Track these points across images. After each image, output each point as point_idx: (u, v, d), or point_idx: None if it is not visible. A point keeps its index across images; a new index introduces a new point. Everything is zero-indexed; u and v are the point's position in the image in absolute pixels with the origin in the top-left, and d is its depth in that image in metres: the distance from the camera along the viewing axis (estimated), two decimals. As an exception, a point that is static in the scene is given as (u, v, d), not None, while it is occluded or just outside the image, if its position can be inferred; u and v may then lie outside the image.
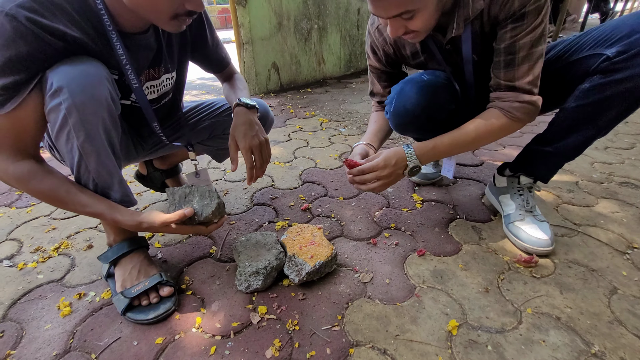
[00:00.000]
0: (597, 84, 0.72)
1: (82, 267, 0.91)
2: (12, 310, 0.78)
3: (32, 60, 0.58)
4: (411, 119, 0.91)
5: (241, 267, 0.80)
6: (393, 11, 0.65)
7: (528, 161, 0.94)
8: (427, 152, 0.82)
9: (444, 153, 0.83)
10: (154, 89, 0.84)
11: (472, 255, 0.90)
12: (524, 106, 0.76)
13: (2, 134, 0.62)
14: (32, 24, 0.56)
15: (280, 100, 2.54)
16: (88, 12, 0.64)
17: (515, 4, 0.68)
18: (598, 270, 0.83)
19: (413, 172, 0.82)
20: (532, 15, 0.68)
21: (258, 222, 1.08)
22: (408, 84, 0.90)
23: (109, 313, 0.76)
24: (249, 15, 2.41)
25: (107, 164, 0.68)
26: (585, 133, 0.80)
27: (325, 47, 3.00)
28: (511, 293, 0.77)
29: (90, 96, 0.61)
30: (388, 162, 0.80)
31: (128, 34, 0.70)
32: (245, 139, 0.83)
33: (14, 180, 0.65)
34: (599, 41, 0.73)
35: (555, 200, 1.13)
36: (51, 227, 1.09)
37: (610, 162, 1.37)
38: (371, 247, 0.94)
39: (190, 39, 0.87)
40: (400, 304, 0.75)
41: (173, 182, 1.18)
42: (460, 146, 0.82)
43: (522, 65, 0.73)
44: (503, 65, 0.75)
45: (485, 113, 0.81)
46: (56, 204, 0.69)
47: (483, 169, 1.36)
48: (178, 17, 0.65)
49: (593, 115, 0.76)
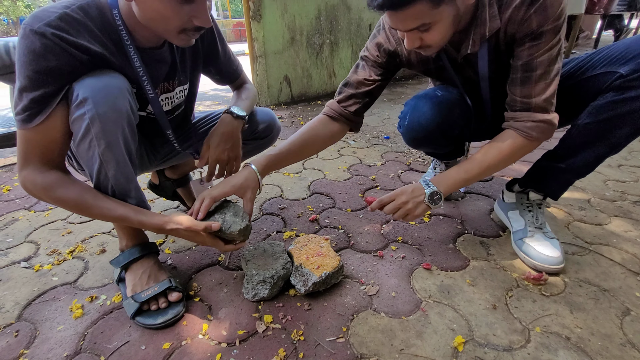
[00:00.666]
0: (611, 101, 0.72)
1: (95, 270, 0.93)
2: (27, 310, 0.80)
3: (60, 73, 0.62)
4: (425, 134, 0.91)
5: (248, 276, 0.81)
6: (410, 24, 0.66)
7: (538, 177, 0.94)
8: (443, 180, 0.82)
9: (463, 181, 0.82)
10: (168, 101, 0.88)
11: (480, 270, 0.89)
12: (539, 125, 0.76)
13: (30, 146, 0.65)
14: (60, 40, 0.60)
15: (291, 112, 2.59)
16: (108, 29, 0.68)
17: (533, 24, 0.69)
18: (610, 291, 0.81)
19: (434, 199, 0.81)
20: (550, 34, 0.69)
21: (266, 231, 1.10)
22: (422, 99, 0.91)
23: (119, 317, 0.78)
24: (263, 30, 2.49)
25: (125, 171, 0.71)
26: (597, 150, 0.80)
27: (337, 61, 3.06)
28: (519, 311, 0.76)
29: (112, 107, 0.65)
30: (405, 190, 0.82)
31: (144, 48, 0.75)
32: (216, 149, 0.87)
33: (42, 189, 0.67)
34: (612, 59, 0.73)
35: (566, 218, 1.11)
36: (67, 230, 1.13)
37: (623, 180, 1.35)
38: (378, 260, 0.94)
39: (202, 52, 0.91)
40: (406, 318, 0.75)
41: (184, 191, 1.21)
42: (478, 174, 0.81)
43: (538, 82, 0.74)
44: (520, 82, 0.76)
45: (501, 135, 0.81)
46: (82, 210, 0.71)
47: (492, 184, 1.36)
48: (186, 32, 0.68)
49: (605, 132, 0.76)
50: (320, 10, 2.77)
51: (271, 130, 1.09)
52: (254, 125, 1.05)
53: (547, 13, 0.67)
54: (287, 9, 2.57)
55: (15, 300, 0.83)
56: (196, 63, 0.91)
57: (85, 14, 0.65)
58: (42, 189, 0.67)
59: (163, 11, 0.63)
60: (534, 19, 0.68)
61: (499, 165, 0.81)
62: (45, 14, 0.61)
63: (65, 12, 0.62)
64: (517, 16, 0.70)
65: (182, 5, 0.63)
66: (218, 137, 0.89)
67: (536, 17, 0.68)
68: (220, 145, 0.88)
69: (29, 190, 0.68)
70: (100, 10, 0.68)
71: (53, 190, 0.67)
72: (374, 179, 1.43)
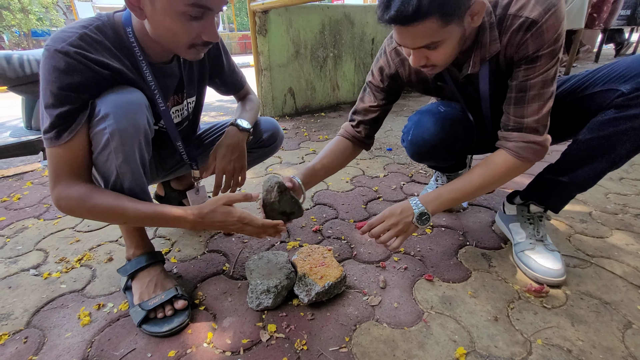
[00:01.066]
0: (612, 118, 0.74)
1: (102, 278, 0.95)
2: (36, 317, 0.82)
3: (83, 89, 0.66)
4: (429, 149, 0.94)
5: (253, 285, 0.82)
6: (418, 42, 0.68)
7: (539, 190, 0.95)
8: (431, 200, 0.82)
9: (451, 200, 0.83)
10: (177, 114, 0.92)
11: (481, 282, 0.90)
12: (530, 146, 0.77)
13: (61, 163, 0.68)
14: (82, 57, 0.64)
15: (295, 123, 2.63)
16: (123, 46, 0.72)
17: (529, 48, 0.71)
18: (612, 304, 0.82)
19: (422, 220, 0.81)
20: (546, 58, 0.71)
21: (270, 241, 1.11)
22: (425, 114, 0.94)
23: (126, 324, 0.79)
24: (269, 44, 2.56)
25: (140, 182, 0.74)
26: (598, 165, 0.81)
27: (340, 73, 3.12)
28: (521, 323, 0.77)
29: (131, 122, 0.68)
30: (394, 211, 0.82)
31: (155, 63, 0.79)
32: (222, 160, 0.90)
33: (77, 201, 0.68)
34: (613, 77, 0.75)
35: (567, 230, 1.12)
36: (75, 239, 1.15)
37: (625, 194, 1.36)
38: (380, 271, 0.95)
39: (208, 65, 0.95)
40: (408, 329, 0.76)
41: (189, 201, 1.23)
42: (468, 194, 0.82)
43: (532, 103, 0.75)
44: (513, 101, 0.78)
45: (493, 155, 0.82)
46: (118, 215, 0.71)
47: (494, 196, 1.37)
48: (196, 47, 0.72)
49: (606, 148, 0.77)
50: (324, 25, 2.84)
51: (275, 139, 1.12)
52: (258, 134, 1.08)
53: (543, 38, 0.69)
54: (292, 23, 2.65)
55: (24, 307, 0.85)
56: (203, 76, 0.95)
57: (102, 33, 0.69)
58: (77, 201, 0.68)
59: (174, 28, 0.67)
60: (530, 43, 0.71)
61: (489, 186, 0.82)
62: (66, 34, 0.65)
63: (85, 32, 0.66)
64: (515, 40, 0.72)
65: (191, 22, 0.67)
66: (224, 148, 0.92)
67: (532, 41, 0.70)
68: (226, 156, 0.92)
69: (64, 207, 0.69)
70: (115, 29, 0.72)
71: (88, 200, 0.69)
72: (376, 190, 1.45)
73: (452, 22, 0.64)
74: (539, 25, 0.68)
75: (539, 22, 0.68)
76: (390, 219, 0.81)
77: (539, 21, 0.68)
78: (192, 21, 0.67)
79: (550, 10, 0.67)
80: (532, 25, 0.69)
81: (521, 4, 0.69)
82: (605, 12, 4.28)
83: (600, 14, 4.27)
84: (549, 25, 0.68)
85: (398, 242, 0.82)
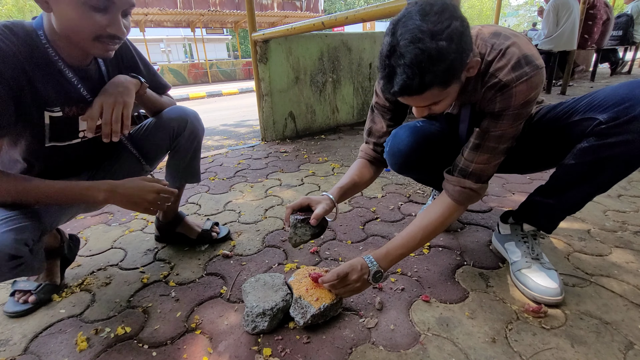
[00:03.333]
0: (594, 145, 0.76)
1: (101, 303, 0.96)
2: (34, 343, 0.83)
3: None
4: (404, 160, 0.97)
5: (248, 308, 0.83)
6: (422, 104, 0.73)
7: (530, 211, 0.96)
8: (382, 257, 0.84)
9: (400, 256, 0.85)
10: None
11: (479, 303, 0.89)
12: (465, 191, 0.83)
13: None
14: None
15: (296, 146, 2.68)
16: (35, 52, 0.74)
17: (496, 106, 0.76)
18: (612, 324, 0.80)
19: (376, 277, 0.82)
20: (508, 119, 0.76)
21: (268, 263, 1.12)
22: (403, 128, 0.99)
23: (122, 349, 0.79)
24: (269, 71, 2.66)
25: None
26: (584, 190, 0.83)
27: (339, 97, 3.21)
28: (519, 344, 0.76)
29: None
30: (355, 267, 0.82)
31: (72, 66, 0.81)
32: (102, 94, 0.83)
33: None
34: (593, 106, 0.77)
35: (566, 249, 1.12)
36: (77, 264, 1.16)
37: (623, 211, 1.35)
38: (377, 292, 0.95)
39: (123, 67, 0.95)
40: (405, 352, 0.75)
41: (183, 227, 1.23)
42: (413, 248, 0.85)
43: (484, 153, 0.81)
44: (470, 146, 0.82)
45: (436, 201, 0.88)
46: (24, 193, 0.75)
47: (491, 215, 1.37)
48: (101, 40, 0.74)
49: (590, 174, 0.79)
50: (322, 52, 2.96)
51: (185, 123, 1.06)
52: (166, 124, 1.04)
53: (510, 101, 0.73)
54: (292, 51, 2.76)
55: (23, 333, 0.86)
56: None
57: (8, 38, 0.71)
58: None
59: (77, 19, 0.70)
60: (498, 102, 0.75)
61: (435, 231, 0.86)
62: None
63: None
64: (487, 95, 0.76)
65: (94, 13, 0.70)
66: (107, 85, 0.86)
67: (500, 101, 0.75)
68: (107, 90, 0.84)
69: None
70: (27, 32, 0.74)
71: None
72: (374, 210, 1.46)
73: (452, 83, 0.68)
74: (508, 89, 0.72)
75: (510, 86, 0.72)
76: (353, 274, 0.81)
77: (509, 85, 0.72)
78: (95, 12, 0.70)
79: (522, 78, 0.70)
80: (503, 87, 0.73)
81: (500, 65, 0.72)
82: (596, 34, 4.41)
83: (592, 35, 4.40)
84: (518, 91, 0.71)
85: (348, 294, 0.85)
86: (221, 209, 1.57)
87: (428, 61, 0.61)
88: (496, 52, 0.73)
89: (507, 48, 0.72)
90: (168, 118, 1.05)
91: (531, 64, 0.70)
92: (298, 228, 0.86)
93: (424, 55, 0.60)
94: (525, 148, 0.91)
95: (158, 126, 1.05)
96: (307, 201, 0.89)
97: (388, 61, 0.64)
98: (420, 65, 0.61)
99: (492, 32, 0.75)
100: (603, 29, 4.45)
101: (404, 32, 0.62)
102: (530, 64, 0.70)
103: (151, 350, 0.79)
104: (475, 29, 0.78)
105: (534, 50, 0.73)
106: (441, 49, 0.60)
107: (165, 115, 1.05)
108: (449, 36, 0.60)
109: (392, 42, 0.63)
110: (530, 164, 0.99)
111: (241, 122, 4.46)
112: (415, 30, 0.61)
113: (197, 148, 1.14)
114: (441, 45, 0.60)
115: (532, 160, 0.96)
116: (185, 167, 1.14)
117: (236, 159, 2.39)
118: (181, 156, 1.11)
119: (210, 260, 1.15)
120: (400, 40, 0.62)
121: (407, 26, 0.62)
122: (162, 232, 1.25)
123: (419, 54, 0.60)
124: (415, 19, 0.62)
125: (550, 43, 3.81)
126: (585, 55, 5.54)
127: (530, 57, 0.71)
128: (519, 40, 0.72)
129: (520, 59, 0.70)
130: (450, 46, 0.61)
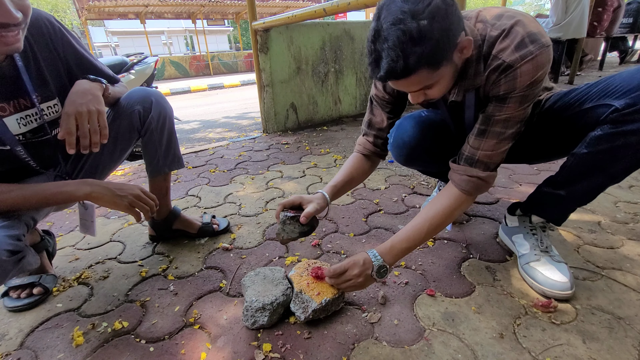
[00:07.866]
0: (607, 133, 0.72)
1: (99, 297, 0.94)
2: (30, 338, 0.81)
3: None
4: (409, 152, 0.94)
5: (248, 302, 0.80)
6: (413, 88, 0.69)
7: (539, 203, 0.92)
8: (387, 251, 0.80)
9: (405, 250, 0.81)
10: (31, 119, 0.83)
11: (486, 297, 0.86)
12: (472, 180, 0.78)
13: None
14: None
15: (297, 137, 2.65)
16: None
17: (501, 89, 0.72)
18: (625, 319, 0.77)
19: (380, 272, 0.79)
20: (514, 101, 0.71)
21: (268, 256, 1.09)
22: (407, 119, 0.95)
23: (118, 344, 0.78)
24: (270, 61, 2.61)
25: None
26: (596, 180, 0.79)
27: (342, 88, 3.15)
28: (528, 340, 0.73)
29: None
30: (357, 262, 0.79)
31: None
32: (71, 105, 0.78)
33: None
34: (608, 92, 0.73)
35: (575, 241, 1.08)
36: (75, 257, 1.15)
37: (635, 202, 1.31)
38: (380, 286, 0.92)
39: (61, 61, 0.87)
40: (409, 348, 0.73)
41: (181, 223, 1.20)
42: (419, 241, 0.81)
43: (490, 139, 0.76)
44: (476, 132, 0.78)
45: (443, 192, 0.83)
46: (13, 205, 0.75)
47: (498, 207, 1.34)
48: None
49: (603, 163, 0.75)
50: (324, 42, 2.90)
51: (150, 103, 1.00)
52: (128, 110, 0.98)
53: (515, 82, 0.69)
54: (293, 41, 2.70)
55: (19, 327, 0.84)
56: (58, 74, 0.87)
57: None
58: None
59: None
60: (502, 85, 0.71)
61: (442, 224, 0.81)
62: None
63: None
64: (491, 78, 0.72)
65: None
66: (71, 95, 0.81)
67: (504, 83, 0.70)
68: (76, 101, 0.79)
69: None
70: None
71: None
72: (377, 202, 1.43)
73: (442, 65, 0.64)
74: (512, 70, 0.68)
75: (514, 66, 0.68)
76: (354, 269, 0.78)
77: (513, 66, 0.68)
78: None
79: (527, 57, 0.66)
80: (507, 69, 0.69)
81: (503, 46, 0.69)
82: (606, 21, 4.29)
83: (601, 22, 4.28)
84: (523, 71, 0.67)
85: (351, 289, 0.82)
86: (221, 201, 1.55)
87: (410, 42, 0.58)
88: (499, 32, 0.69)
89: (510, 27, 0.68)
90: (129, 103, 0.98)
91: (536, 42, 0.66)
92: (287, 225, 0.85)
93: (406, 36, 0.58)
94: (535, 137, 0.87)
95: (119, 114, 0.98)
96: (299, 199, 0.88)
97: (374, 46, 0.63)
98: (402, 47, 0.59)
99: (495, 14, 0.71)
100: (613, 16, 4.32)
101: (386, 15, 0.60)
102: (536, 42, 0.66)
103: (148, 346, 0.77)
104: (474, 11, 0.74)
105: (540, 28, 0.68)
106: (422, 28, 0.58)
107: (124, 101, 0.99)
108: (431, 14, 0.58)
109: (377, 27, 0.61)
110: (539, 154, 0.94)
111: (243, 115, 4.42)
112: (397, 12, 0.59)
113: (170, 128, 1.07)
114: (422, 25, 0.58)
115: (542, 150, 0.92)
116: (164, 152, 1.07)
117: (237, 151, 2.36)
118: (155, 139, 1.04)
119: (210, 254, 1.13)
120: (384, 23, 0.60)
121: (389, 9, 0.61)
122: (158, 230, 1.21)
123: (400, 35, 0.58)
124: (398, 1, 0.60)
125: (559, 31, 3.70)
126: (594, 43, 5.42)
127: (536, 35, 0.66)
128: (524, 19, 0.68)
129: (524, 38, 0.66)
130: (432, 25, 0.58)
